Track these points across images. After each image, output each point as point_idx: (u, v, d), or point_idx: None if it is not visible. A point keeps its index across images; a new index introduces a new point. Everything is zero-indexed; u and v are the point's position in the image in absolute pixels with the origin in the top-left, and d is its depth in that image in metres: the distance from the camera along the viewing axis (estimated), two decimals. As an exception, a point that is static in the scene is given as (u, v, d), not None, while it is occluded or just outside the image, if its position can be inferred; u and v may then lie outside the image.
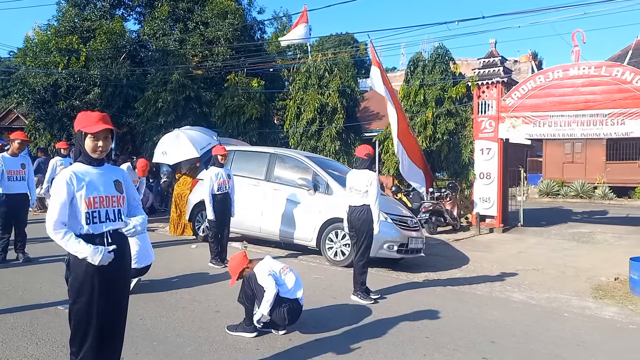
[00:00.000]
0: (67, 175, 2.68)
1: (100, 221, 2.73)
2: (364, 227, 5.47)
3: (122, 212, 2.86)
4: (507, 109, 11.57)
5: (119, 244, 2.80)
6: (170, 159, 10.00)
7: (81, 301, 2.72)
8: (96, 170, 2.79)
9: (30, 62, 16.60)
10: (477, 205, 11.90)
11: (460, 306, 5.53)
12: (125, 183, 2.93)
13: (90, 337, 2.75)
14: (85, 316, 2.73)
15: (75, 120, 2.87)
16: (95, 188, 2.74)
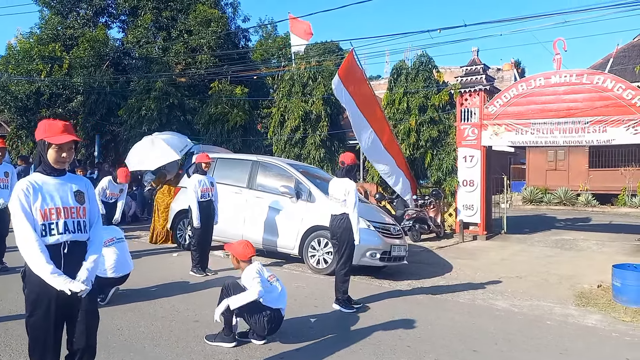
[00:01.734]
0: (23, 185, 2.59)
1: (58, 233, 2.63)
2: (345, 236, 5.44)
3: (82, 223, 2.74)
4: (489, 117, 11.68)
5: (77, 256, 2.71)
6: (150, 164, 9.84)
7: (37, 314, 2.64)
8: (55, 180, 2.69)
9: (12, 69, 16.41)
10: (461, 213, 11.95)
11: (443, 314, 5.52)
12: (87, 194, 2.82)
13: (49, 350, 2.68)
14: (42, 329, 2.65)
15: (37, 129, 2.74)
16: (52, 199, 2.64)
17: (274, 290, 4.35)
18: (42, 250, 2.54)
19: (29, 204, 2.56)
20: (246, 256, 4.41)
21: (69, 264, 2.64)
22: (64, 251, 2.64)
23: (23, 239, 2.54)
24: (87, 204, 2.78)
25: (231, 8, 18.41)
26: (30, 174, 2.77)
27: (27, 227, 2.54)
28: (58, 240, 2.61)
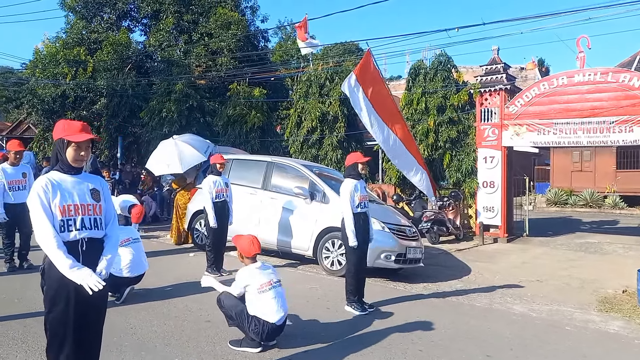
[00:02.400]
0: (42, 182, 2.66)
1: (76, 229, 2.69)
2: (343, 236, 5.42)
3: (99, 220, 2.81)
4: (510, 117, 11.45)
5: (94, 253, 2.76)
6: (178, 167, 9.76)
7: (56, 310, 2.68)
8: (73, 178, 2.76)
9: (39, 73, 16.85)
10: (481, 215, 11.75)
11: (458, 318, 5.42)
12: (103, 192, 2.88)
13: (66, 347, 2.71)
14: (61, 326, 2.69)
15: (55, 128, 2.82)
16: (71, 196, 2.70)
17: (264, 301, 4.13)
18: (59, 246, 2.60)
19: (48, 200, 2.62)
20: (250, 253, 4.32)
21: (87, 261, 2.70)
22: (82, 248, 2.70)
23: (43, 234, 2.60)
24: (103, 202, 2.84)
25: (250, 10, 18.56)
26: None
27: (46, 222, 2.60)
28: (76, 237, 2.68)
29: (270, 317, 4.07)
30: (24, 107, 18.25)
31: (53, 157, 2.82)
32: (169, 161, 9.85)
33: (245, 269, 4.29)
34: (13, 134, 26.08)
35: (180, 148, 9.96)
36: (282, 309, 4.18)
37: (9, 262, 6.67)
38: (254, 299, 4.13)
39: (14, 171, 6.65)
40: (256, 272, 4.25)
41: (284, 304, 4.25)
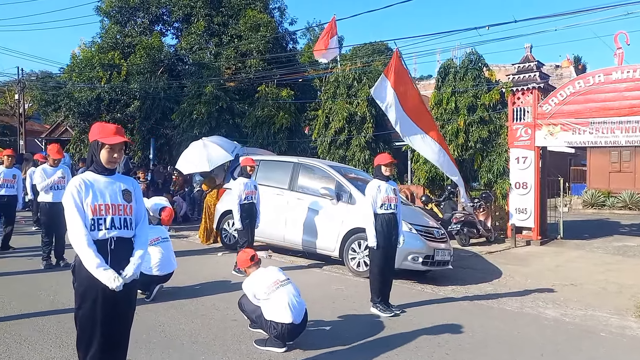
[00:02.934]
0: (76, 182, 2.76)
1: (105, 228, 2.77)
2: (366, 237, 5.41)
3: (129, 220, 2.88)
4: (544, 116, 11.15)
5: (123, 252, 2.83)
6: (205, 166, 9.99)
7: (85, 307, 2.76)
8: (106, 178, 2.85)
9: (76, 77, 17.43)
10: (513, 217, 11.47)
11: (487, 322, 5.31)
12: (134, 193, 2.95)
13: (94, 343, 2.78)
14: (90, 322, 2.77)
15: (90, 131, 2.93)
16: (102, 196, 2.79)
17: (275, 300, 4.14)
18: (89, 244, 2.68)
19: (81, 200, 2.72)
20: (246, 263, 4.51)
21: (115, 260, 2.77)
22: (110, 247, 2.78)
23: (74, 232, 2.71)
24: (134, 203, 2.91)
25: (278, 12, 18.69)
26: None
27: (78, 221, 2.69)
28: (105, 236, 2.76)
29: (285, 317, 4.07)
30: (62, 110, 18.89)
31: (88, 158, 2.93)
32: (197, 160, 10.11)
33: (247, 279, 4.39)
34: (51, 136, 27.11)
35: (208, 148, 10.18)
36: (295, 306, 4.15)
37: (46, 259, 6.91)
38: (265, 303, 4.18)
39: (53, 171, 6.92)
40: (257, 277, 4.33)
41: (299, 300, 4.24)
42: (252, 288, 4.28)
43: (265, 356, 4.04)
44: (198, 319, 4.91)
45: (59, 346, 4.03)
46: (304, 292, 4.49)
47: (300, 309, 4.20)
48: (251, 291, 4.28)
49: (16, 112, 24.89)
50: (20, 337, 4.18)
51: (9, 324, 4.48)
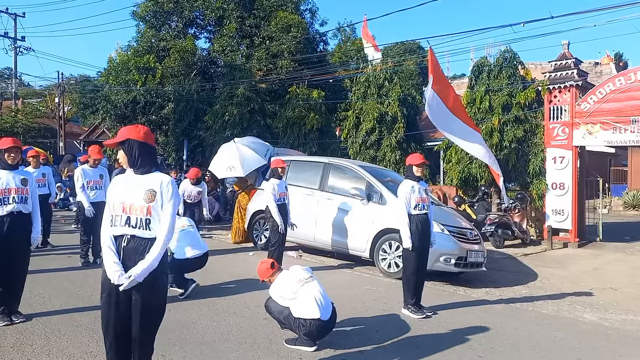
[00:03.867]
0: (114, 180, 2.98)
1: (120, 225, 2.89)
2: (400, 238, 5.34)
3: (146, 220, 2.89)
4: (582, 115, 10.80)
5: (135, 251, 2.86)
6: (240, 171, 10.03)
7: (102, 297, 2.89)
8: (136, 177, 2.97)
9: (113, 80, 17.96)
10: (550, 218, 11.16)
11: (521, 325, 5.18)
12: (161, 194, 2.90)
13: (109, 334, 2.88)
14: (106, 312, 2.88)
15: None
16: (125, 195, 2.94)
17: (303, 298, 4.17)
18: (109, 238, 2.86)
19: (112, 197, 2.91)
20: (267, 273, 4.50)
21: (127, 257, 2.85)
22: (123, 243, 2.86)
23: (102, 226, 2.94)
24: (156, 203, 2.86)
25: (309, 13, 18.76)
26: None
27: (106, 217, 2.91)
28: (118, 232, 2.88)
29: (312, 313, 4.08)
30: (99, 113, 19.48)
31: None
32: (231, 165, 10.13)
33: (272, 285, 4.40)
34: (89, 138, 28.00)
35: (242, 152, 10.22)
36: (322, 302, 4.16)
37: (84, 257, 7.14)
38: (293, 302, 4.20)
39: (93, 172, 7.15)
40: (282, 280, 4.35)
41: (325, 297, 4.26)
42: (279, 291, 4.32)
43: (296, 355, 4.06)
44: (230, 317, 4.98)
45: (97, 341, 4.14)
46: (334, 293, 4.49)
47: (327, 305, 4.22)
48: (278, 294, 4.32)
49: (56, 115, 25.85)
50: (60, 332, 4.33)
51: (49, 319, 4.65)
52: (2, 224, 4.45)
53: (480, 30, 12.21)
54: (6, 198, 4.47)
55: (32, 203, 4.67)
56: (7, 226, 4.46)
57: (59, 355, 3.83)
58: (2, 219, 4.45)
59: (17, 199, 4.52)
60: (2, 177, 4.50)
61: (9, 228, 4.46)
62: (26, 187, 4.62)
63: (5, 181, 4.50)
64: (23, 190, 4.58)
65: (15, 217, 4.51)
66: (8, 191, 4.49)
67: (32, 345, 4.01)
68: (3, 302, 4.48)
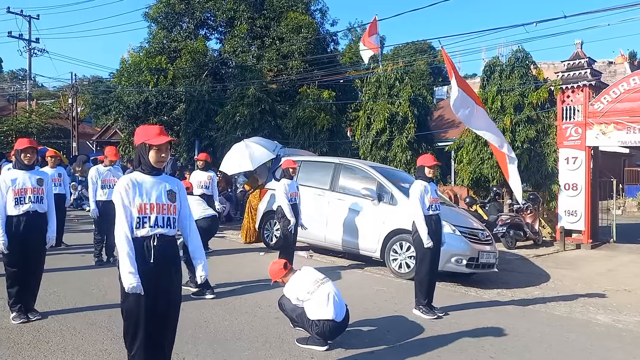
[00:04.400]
0: (125, 181, 2.88)
1: (149, 226, 2.89)
2: (415, 238, 5.32)
3: (172, 219, 2.99)
4: (595, 115, 10.70)
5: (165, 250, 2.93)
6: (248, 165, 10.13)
7: (129, 300, 2.88)
8: (152, 179, 2.97)
9: (125, 81, 18.12)
10: (562, 219, 11.06)
11: (533, 326, 5.15)
12: (179, 194, 3.05)
13: (139, 336, 2.90)
14: (134, 315, 2.89)
15: (135, 134, 3.06)
16: (148, 195, 2.91)
17: (318, 298, 4.18)
18: (127, 243, 2.82)
19: (129, 199, 2.86)
20: (280, 274, 4.52)
21: (157, 256, 2.90)
22: (153, 243, 2.90)
23: (117, 229, 2.86)
24: (178, 203, 3.02)
25: (320, 13, 18.78)
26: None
27: (122, 219, 2.85)
28: (148, 233, 2.89)
29: (327, 314, 4.10)
30: (112, 114, 19.67)
31: (136, 160, 3.04)
32: (240, 161, 10.28)
33: (287, 285, 4.43)
34: (102, 139, 28.31)
35: (251, 148, 10.37)
36: (336, 303, 4.18)
37: (97, 256, 7.23)
38: (307, 302, 4.21)
39: (107, 172, 7.24)
40: (297, 280, 4.37)
41: (339, 298, 4.27)
42: (294, 292, 4.34)
43: (307, 354, 4.07)
44: (241, 316, 5.01)
45: (111, 339, 4.20)
46: (345, 293, 4.50)
47: (340, 307, 4.22)
48: (294, 295, 4.34)
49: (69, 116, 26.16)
50: (75, 329, 4.40)
51: (64, 317, 4.72)
52: (19, 223, 4.52)
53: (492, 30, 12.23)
54: (22, 198, 4.55)
55: (48, 203, 4.74)
56: (24, 225, 4.53)
57: (74, 352, 3.89)
58: (18, 218, 4.52)
59: (33, 198, 4.59)
60: (19, 177, 4.58)
61: (25, 227, 4.53)
62: (42, 187, 4.69)
63: (22, 181, 4.57)
64: (39, 190, 4.66)
65: (31, 217, 4.58)
66: (24, 191, 4.56)
67: (48, 342, 4.08)
68: (20, 300, 4.56)
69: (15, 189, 4.52)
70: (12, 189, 4.51)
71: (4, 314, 4.67)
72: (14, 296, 4.54)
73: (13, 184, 4.53)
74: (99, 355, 3.86)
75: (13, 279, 4.54)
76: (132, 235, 2.85)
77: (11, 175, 4.60)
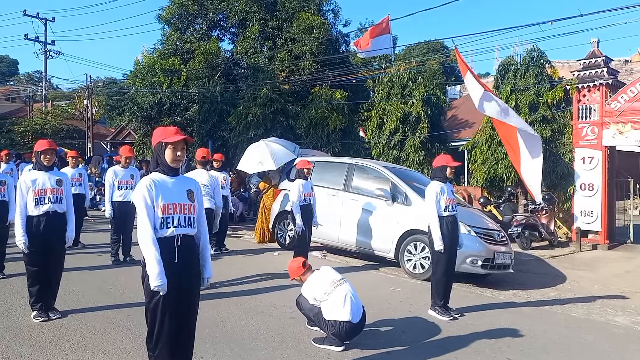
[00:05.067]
0: (147, 182, 2.91)
1: (173, 226, 2.92)
2: (431, 240, 5.29)
3: (192, 219, 3.03)
4: (612, 114, 10.56)
5: (187, 248, 2.98)
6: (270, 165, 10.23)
7: (154, 301, 2.91)
8: (171, 179, 3.00)
9: (139, 83, 18.29)
10: (578, 219, 10.94)
11: (550, 328, 5.11)
12: (196, 194, 3.10)
13: (163, 336, 2.93)
14: (159, 315, 2.91)
15: (153, 135, 3.09)
16: (170, 195, 2.94)
17: (335, 299, 4.20)
18: (154, 243, 2.84)
19: (152, 199, 2.89)
20: (299, 271, 4.54)
21: (181, 256, 2.95)
22: (177, 244, 2.94)
23: (140, 230, 2.88)
24: (196, 203, 3.07)
25: (332, 14, 18.75)
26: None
27: (145, 220, 2.86)
28: (173, 233, 2.93)
29: (344, 315, 4.10)
30: (126, 115, 19.85)
31: (153, 161, 3.08)
32: (261, 159, 10.29)
33: (305, 284, 4.44)
34: (116, 139, 28.62)
35: (272, 147, 10.43)
36: (353, 304, 4.18)
37: (114, 256, 7.32)
38: (324, 303, 4.22)
39: (124, 173, 7.32)
40: (315, 280, 4.38)
41: (356, 299, 4.28)
42: (312, 292, 4.36)
43: (324, 354, 4.09)
44: (257, 316, 5.04)
45: (130, 338, 4.26)
46: (360, 293, 4.50)
47: (357, 308, 4.23)
48: (311, 295, 4.36)
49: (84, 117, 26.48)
50: (94, 328, 4.46)
51: (83, 316, 4.80)
52: (39, 223, 4.60)
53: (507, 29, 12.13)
54: (42, 198, 4.63)
55: (67, 203, 4.83)
56: (44, 225, 4.61)
57: (94, 351, 3.95)
58: (38, 218, 4.60)
59: (53, 199, 4.68)
60: (39, 178, 4.67)
61: (45, 227, 4.62)
62: (61, 187, 4.77)
63: (42, 182, 4.66)
64: (58, 190, 4.74)
65: (51, 217, 4.66)
66: (44, 191, 4.65)
67: (68, 340, 4.14)
68: (40, 299, 4.65)
69: (35, 189, 4.61)
70: (32, 190, 4.60)
71: (24, 312, 4.75)
72: (35, 295, 4.63)
73: (33, 184, 4.62)
74: (119, 354, 3.91)
75: (34, 278, 4.63)
76: (157, 236, 2.87)
77: (31, 176, 4.69)
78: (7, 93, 34.08)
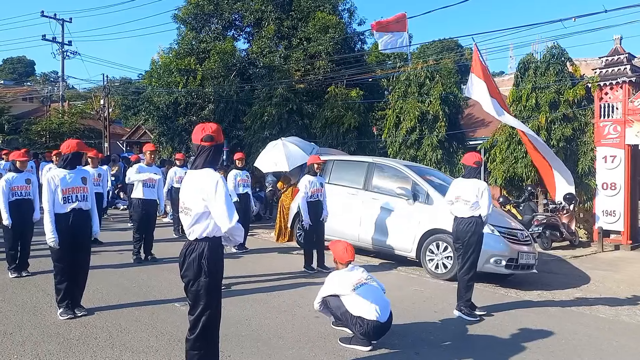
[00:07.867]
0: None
1: None
2: (472, 240, 5.16)
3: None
4: (635, 112, 10.37)
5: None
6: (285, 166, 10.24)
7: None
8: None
9: (155, 82, 18.40)
10: (600, 219, 10.76)
11: (579, 329, 5.01)
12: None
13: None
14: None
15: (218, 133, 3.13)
16: None
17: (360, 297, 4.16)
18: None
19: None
20: (344, 260, 4.43)
21: None
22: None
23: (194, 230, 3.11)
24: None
25: (347, 13, 18.68)
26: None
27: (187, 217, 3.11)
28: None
29: (370, 314, 4.06)
30: (141, 114, 19.99)
31: (210, 159, 3.10)
32: (276, 159, 10.33)
33: (335, 273, 4.40)
34: (131, 139, 28.85)
35: (288, 148, 10.42)
36: (380, 304, 4.14)
37: (136, 254, 7.33)
38: (350, 300, 4.18)
39: (148, 169, 7.34)
40: (345, 274, 4.34)
41: (382, 299, 4.24)
42: (337, 283, 4.30)
43: (351, 354, 4.05)
44: (281, 314, 5.02)
45: (156, 336, 4.26)
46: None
47: (385, 307, 4.18)
48: (332, 286, 4.31)
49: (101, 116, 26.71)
50: (120, 326, 4.47)
51: (108, 313, 4.81)
52: (67, 220, 4.64)
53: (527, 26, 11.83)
54: (70, 197, 4.67)
55: (91, 200, 4.87)
56: (72, 222, 4.65)
57: (122, 349, 3.95)
58: (66, 215, 4.64)
59: (80, 197, 4.72)
60: (67, 177, 4.70)
61: (72, 223, 4.65)
62: (86, 185, 4.81)
63: (69, 180, 4.70)
64: (84, 188, 4.78)
65: (78, 214, 4.70)
66: (71, 190, 4.69)
67: (96, 338, 4.15)
68: (67, 296, 4.67)
69: (63, 188, 4.64)
70: (61, 188, 4.64)
71: (51, 310, 4.78)
72: (62, 292, 4.66)
73: (62, 183, 4.66)
74: (146, 352, 3.91)
75: (62, 274, 4.66)
76: None
77: (59, 174, 4.72)
78: (25, 93, 34.50)
